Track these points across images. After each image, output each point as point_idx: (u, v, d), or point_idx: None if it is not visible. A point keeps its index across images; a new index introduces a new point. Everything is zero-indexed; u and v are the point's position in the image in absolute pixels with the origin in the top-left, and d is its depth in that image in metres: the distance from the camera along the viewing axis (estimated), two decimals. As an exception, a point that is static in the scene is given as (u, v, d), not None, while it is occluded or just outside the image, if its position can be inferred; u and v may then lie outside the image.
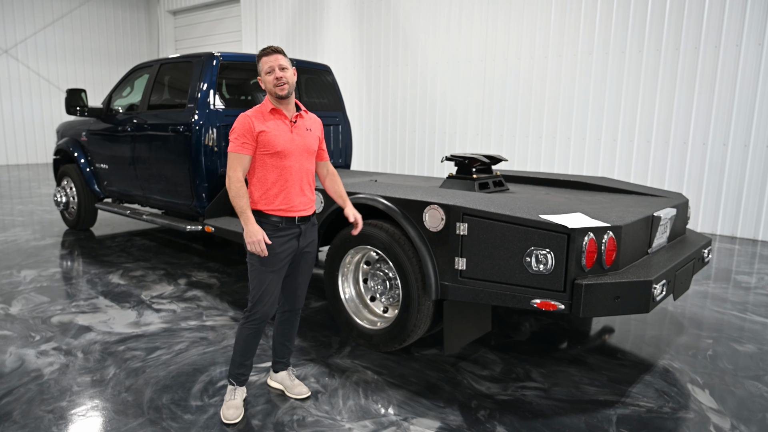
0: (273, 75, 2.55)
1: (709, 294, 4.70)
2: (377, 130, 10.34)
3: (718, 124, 6.80)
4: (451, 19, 9.06)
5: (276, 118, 2.60)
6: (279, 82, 2.54)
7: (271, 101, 2.61)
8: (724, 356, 3.48)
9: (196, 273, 5.10)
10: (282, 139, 2.57)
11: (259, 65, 2.60)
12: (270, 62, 2.56)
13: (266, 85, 2.58)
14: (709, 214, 7.04)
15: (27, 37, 14.20)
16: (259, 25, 12.59)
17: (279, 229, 2.60)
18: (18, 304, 4.22)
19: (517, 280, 2.72)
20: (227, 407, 2.68)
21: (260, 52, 2.61)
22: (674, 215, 3.44)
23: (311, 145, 2.68)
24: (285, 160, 2.57)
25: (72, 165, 6.43)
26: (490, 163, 3.80)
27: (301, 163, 2.63)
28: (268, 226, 2.59)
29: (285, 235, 2.61)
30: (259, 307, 2.64)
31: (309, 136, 2.68)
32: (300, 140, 2.63)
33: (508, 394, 2.96)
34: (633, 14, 7.23)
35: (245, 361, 2.74)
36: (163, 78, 5.28)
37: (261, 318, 2.66)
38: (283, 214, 2.60)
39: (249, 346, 2.71)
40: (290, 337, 2.94)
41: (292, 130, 2.62)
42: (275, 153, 2.56)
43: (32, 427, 2.58)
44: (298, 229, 2.65)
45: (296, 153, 2.61)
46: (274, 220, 2.59)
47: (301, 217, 2.65)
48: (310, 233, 2.74)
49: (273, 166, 2.57)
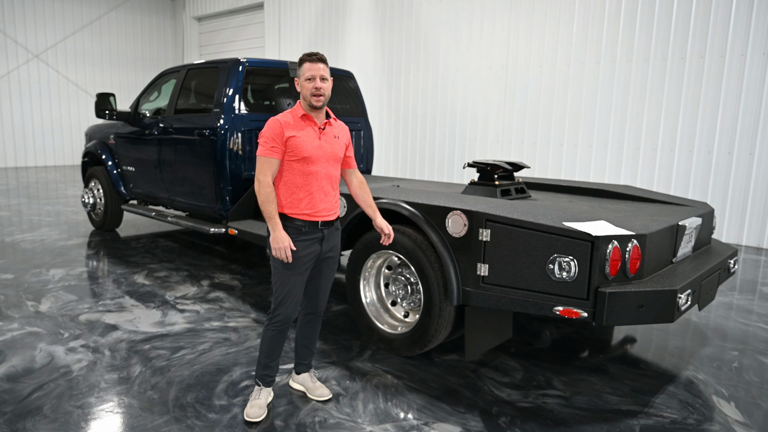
0: (313, 84, 2.55)
1: (734, 305, 4.63)
2: (398, 136, 10.38)
3: (743, 134, 6.70)
4: (473, 25, 9.08)
5: (306, 124, 2.62)
6: (317, 92, 2.55)
7: (302, 106, 2.63)
8: (750, 368, 3.42)
9: (219, 275, 5.17)
10: (310, 145, 2.59)
11: (300, 68, 2.60)
12: (313, 70, 2.56)
13: (303, 91, 2.59)
14: (734, 225, 6.93)
15: (57, 42, 14.56)
16: (282, 31, 12.75)
17: (302, 233, 2.63)
18: (47, 302, 4.33)
19: (540, 287, 2.72)
20: (251, 406, 2.73)
21: (305, 55, 2.59)
22: (699, 224, 3.41)
23: (338, 152, 2.71)
24: (311, 166, 2.60)
25: (100, 167, 6.58)
26: (512, 170, 3.80)
27: (327, 169, 2.66)
28: (292, 230, 2.62)
29: (308, 239, 2.64)
30: (282, 309, 2.68)
31: (336, 144, 2.70)
32: (328, 147, 2.65)
33: (529, 401, 2.96)
34: (657, 22, 7.17)
35: (270, 363, 2.78)
36: (190, 83, 5.38)
37: (284, 320, 2.70)
38: (308, 218, 2.63)
39: (273, 347, 2.75)
40: (312, 340, 2.96)
41: (320, 137, 2.64)
42: (302, 158, 2.58)
43: (62, 421, 2.65)
44: (321, 234, 2.68)
45: (323, 159, 2.63)
46: (298, 224, 2.62)
47: (325, 221, 2.67)
48: (333, 238, 2.76)
49: (300, 171, 2.60)
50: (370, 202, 2.88)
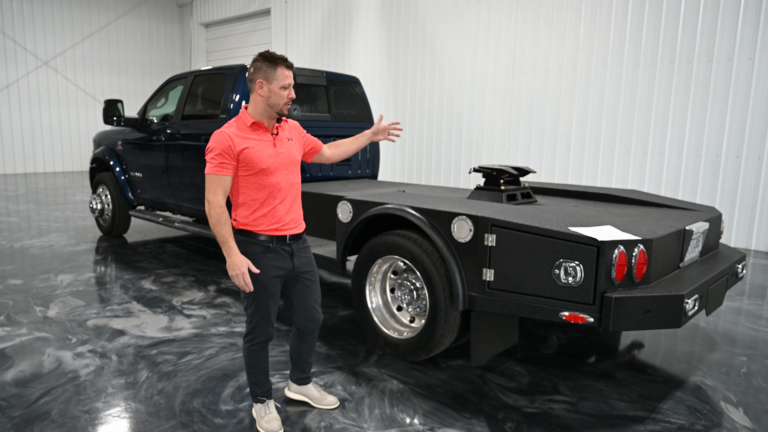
0: (289, 92, 2.42)
1: (743, 310, 4.59)
2: (404, 141, 10.40)
3: (752, 137, 6.66)
4: (479, 31, 9.09)
5: (257, 132, 2.43)
6: (290, 102, 2.44)
7: (251, 114, 2.44)
8: (759, 374, 3.40)
9: (226, 280, 5.19)
10: (265, 155, 2.40)
11: (274, 72, 2.38)
12: (289, 78, 2.40)
13: (273, 98, 2.39)
14: (743, 229, 6.88)
15: (66, 49, 14.71)
16: (289, 37, 12.82)
17: (269, 249, 2.46)
18: (55, 307, 4.36)
19: (546, 292, 2.71)
20: (268, 421, 2.62)
21: (279, 59, 2.39)
22: (707, 229, 3.39)
23: (296, 156, 2.54)
24: (271, 177, 2.42)
25: (108, 173, 6.63)
26: (518, 174, 3.80)
27: (289, 178, 2.49)
28: (258, 247, 2.45)
29: (277, 256, 2.48)
30: (258, 332, 2.55)
31: (292, 147, 2.53)
32: (285, 153, 2.48)
33: (535, 406, 2.94)
34: (665, 25, 7.15)
35: (264, 378, 2.68)
36: (197, 89, 5.42)
37: (263, 340, 2.58)
38: (274, 233, 2.46)
39: (261, 365, 2.64)
40: (311, 354, 2.84)
41: (275, 144, 2.46)
42: (259, 171, 2.39)
43: (69, 426, 2.67)
44: (289, 248, 2.52)
45: (282, 168, 2.45)
46: (263, 239, 2.45)
47: (293, 235, 2.53)
48: (304, 252, 2.60)
49: (258, 186, 2.41)
50: (351, 141, 2.90)
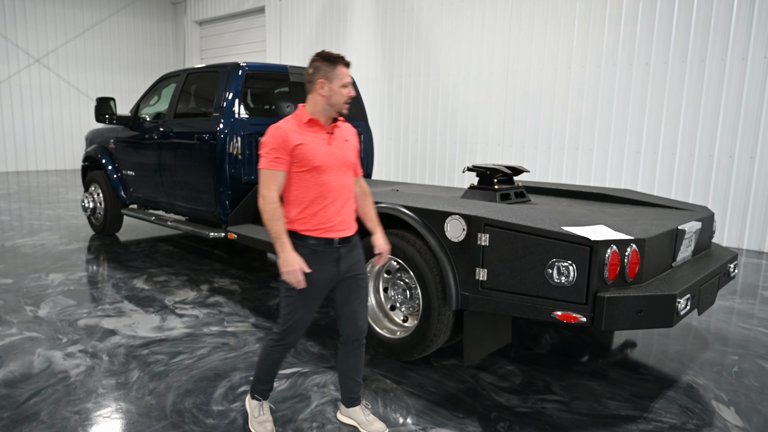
0: (349, 90, 2.37)
1: (734, 309, 4.61)
2: (398, 141, 10.39)
3: (744, 137, 6.69)
4: (473, 30, 9.09)
5: (313, 129, 2.38)
6: (350, 101, 2.40)
7: (309, 111, 2.40)
8: (750, 373, 3.41)
9: (219, 279, 5.17)
10: (320, 153, 2.35)
11: (334, 71, 2.34)
12: (348, 76, 2.37)
13: (334, 97, 2.35)
14: (735, 229, 6.92)
15: (58, 46, 14.60)
16: (283, 35, 12.78)
17: (316, 252, 2.38)
18: (46, 307, 4.32)
19: (539, 291, 2.71)
20: (260, 422, 2.60)
21: (337, 57, 2.36)
22: (699, 229, 3.40)
23: (350, 157, 2.46)
24: (323, 176, 2.35)
25: (100, 171, 6.58)
26: (511, 174, 3.80)
27: (341, 179, 2.41)
28: (304, 250, 2.37)
29: (322, 260, 2.40)
30: (289, 336, 2.49)
31: (347, 148, 2.47)
32: (339, 153, 2.41)
33: (528, 406, 2.95)
34: (658, 25, 7.17)
35: (271, 379, 2.65)
36: (190, 87, 5.39)
37: (290, 344, 2.53)
38: (322, 235, 2.38)
39: (275, 366, 2.61)
40: (358, 371, 2.67)
41: (330, 142, 2.40)
42: (313, 168, 2.33)
43: (59, 427, 2.65)
44: (336, 253, 2.42)
45: (335, 167, 2.39)
46: (311, 242, 2.37)
47: (341, 238, 2.42)
48: (352, 256, 2.50)
49: (311, 183, 2.35)
50: (371, 216, 2.66)
